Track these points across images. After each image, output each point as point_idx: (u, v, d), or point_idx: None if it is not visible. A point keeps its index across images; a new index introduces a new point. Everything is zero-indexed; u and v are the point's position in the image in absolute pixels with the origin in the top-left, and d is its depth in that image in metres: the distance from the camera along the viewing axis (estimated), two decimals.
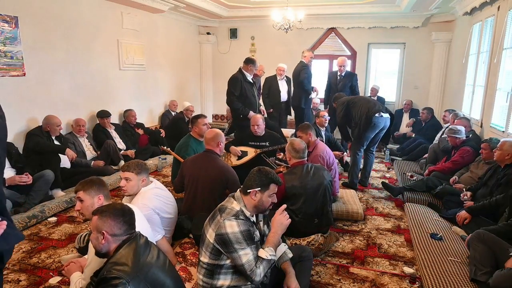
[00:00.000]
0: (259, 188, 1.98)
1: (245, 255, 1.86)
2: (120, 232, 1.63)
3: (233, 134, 4.61)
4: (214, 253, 1.92)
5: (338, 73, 5.92)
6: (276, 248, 2.01)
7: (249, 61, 4.76)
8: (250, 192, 1.98)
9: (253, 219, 2.05)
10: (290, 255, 2.17)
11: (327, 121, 4.98)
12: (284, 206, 2.12)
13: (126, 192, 2.53)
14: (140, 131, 5.70)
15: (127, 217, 1.68)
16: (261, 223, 2.13)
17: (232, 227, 1.86)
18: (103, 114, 5.04)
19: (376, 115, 4.12)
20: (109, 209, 1.67)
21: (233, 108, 4.81)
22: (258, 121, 4.19)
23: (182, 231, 2.95)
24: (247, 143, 4.28)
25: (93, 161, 4.53)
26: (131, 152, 5.09)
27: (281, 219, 2.04)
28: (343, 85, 5.78)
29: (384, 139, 4.86)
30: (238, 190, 2.09)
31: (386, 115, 4.25)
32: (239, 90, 4.68)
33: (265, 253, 1.93)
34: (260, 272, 1.87)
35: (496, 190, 3.01)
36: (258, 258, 1.91)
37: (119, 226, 1.63)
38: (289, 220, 2.06)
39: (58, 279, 2.47)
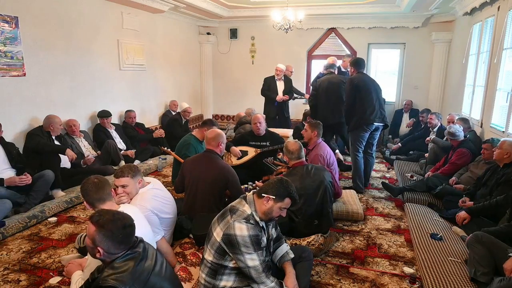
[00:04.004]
0: (274, 197, 1.94)
1: (252, 260, 1.85)
2: (116, 251, 1.56)
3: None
4: (219, 252, 1.91)
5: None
6: None
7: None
8: (264, 196, 1.95)
9: (263, 223, 2.02)
10: (292, 255, 2.18)
11: None
12: None
13: (129, 196, 2.46)
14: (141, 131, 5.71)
15: (127, 235, 1.58)
16: (270, 226, 2.12)
17: (242, 230, 1.85)
18: (104, 114, 5.04)
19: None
20: (107, 225, 1.54)
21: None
22: (260, 119, 4.24)
23: (182, 231, 2.95)
24: (247, 143, 4.29)
25: (82, 160, 4.39)
26: (131, 152, 5.09)
27: None
28: None
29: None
30: (251, 192, 2.07)
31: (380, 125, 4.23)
32: None
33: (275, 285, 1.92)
34: (268, 283, 1.87)
35: (496, 190, 3.01)
36: (266, 267, 1.90)
37: (117, 246, 1.55)
38: None
39: (58, 279, 2.46)
